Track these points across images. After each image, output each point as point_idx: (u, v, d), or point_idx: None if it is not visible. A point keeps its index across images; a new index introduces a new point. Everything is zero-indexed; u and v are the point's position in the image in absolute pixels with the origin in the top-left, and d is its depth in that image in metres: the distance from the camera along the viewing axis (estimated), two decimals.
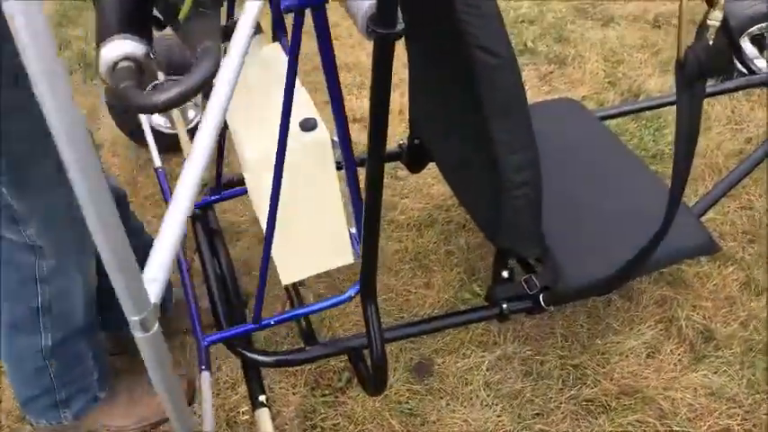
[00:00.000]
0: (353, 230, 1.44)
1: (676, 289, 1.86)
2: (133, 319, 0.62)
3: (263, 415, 1.36)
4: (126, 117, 2.18)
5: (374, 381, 1.34)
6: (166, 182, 1.81)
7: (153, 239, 0.68)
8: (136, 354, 0.66)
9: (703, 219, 1.65)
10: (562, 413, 1.62)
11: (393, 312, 1.83)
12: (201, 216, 1.70)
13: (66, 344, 1.42)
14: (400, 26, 0.88)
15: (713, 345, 1.74)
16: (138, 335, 0.63)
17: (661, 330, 1.78)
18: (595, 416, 1.61)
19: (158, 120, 2.21)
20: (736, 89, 2.04)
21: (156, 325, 0.64)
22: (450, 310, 1.82)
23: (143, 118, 1.86)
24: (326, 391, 1.68)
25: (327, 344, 1.46)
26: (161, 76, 1.87)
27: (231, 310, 1.51)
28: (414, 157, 1.81)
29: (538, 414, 1.62)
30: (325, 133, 1.25)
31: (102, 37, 0.97)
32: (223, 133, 1.61)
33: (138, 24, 0.99)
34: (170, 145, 2.12)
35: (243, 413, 1.64)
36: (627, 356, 1.72)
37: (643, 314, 1.81)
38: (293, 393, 1.68)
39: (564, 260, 1.50)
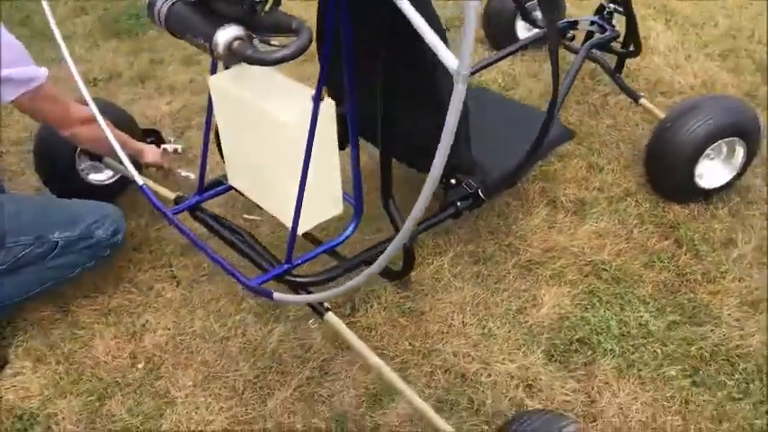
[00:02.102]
0: None
1: (548, 182, 2.53)
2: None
3: (333, 317, 1.75)
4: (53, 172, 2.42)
5: (405, 263, 1.80)
6: (152, 193, 2.07)
7: None
8: None
9: None
10: (513, 276, 2.18)
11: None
12: (198, 210, 2.04)
13: None
14: None
15: (587, 207, 2.42)
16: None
17: (551, 209, 2.42)
18: (535, 270, 2.20)
19: (96, 176, 2.47)
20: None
21: None
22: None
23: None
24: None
25: (354, 257, 1.88)
26: None
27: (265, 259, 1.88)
28: None
29: (497, 281, 2.17)
30: (331, 103, 1.68)
31: (211, 30, 1.38)
32: (206, 143, 1.97)
33: (226, 18, 1.41)
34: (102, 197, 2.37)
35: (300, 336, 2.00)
36: (536, 231, 2.34)
37: (534, 203, 2.44)
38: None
39: (487, 164, 2.08)
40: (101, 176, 2.49)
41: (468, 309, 2.08)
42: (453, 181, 2.06)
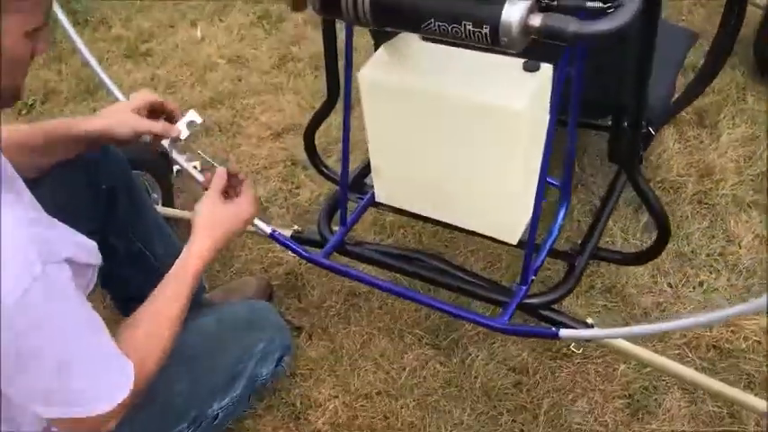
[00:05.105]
0: None
1: None
2: None
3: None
4: None
5: (660, 235, 1.44)
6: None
7: None
8: None
9: None
10: (690, 215, 1.91)
11: None
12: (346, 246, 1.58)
13: None
14: None
15: (711, 113, 2.16)
16: None
17: (673, 127, 2.14)
18: (707, 202, 1.93)
19: None
20: None
21: None
22: None
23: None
24: None
25: (580, 248, 1.52)
26: None
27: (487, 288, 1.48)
28: None
29: (677, 227, 1.87)
30: (548, 68, 1.27)
31: (489, 9, 0.94)
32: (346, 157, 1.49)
33: None
34: None
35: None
36: (676, 156, 2.06)
37: None
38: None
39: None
40: None
41: (666, 267, 1.79)
42: (626, 124, 1.73)
